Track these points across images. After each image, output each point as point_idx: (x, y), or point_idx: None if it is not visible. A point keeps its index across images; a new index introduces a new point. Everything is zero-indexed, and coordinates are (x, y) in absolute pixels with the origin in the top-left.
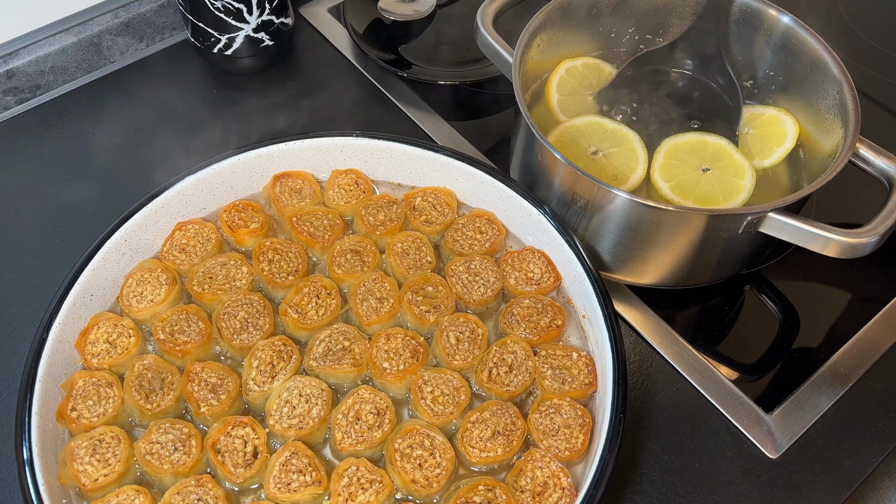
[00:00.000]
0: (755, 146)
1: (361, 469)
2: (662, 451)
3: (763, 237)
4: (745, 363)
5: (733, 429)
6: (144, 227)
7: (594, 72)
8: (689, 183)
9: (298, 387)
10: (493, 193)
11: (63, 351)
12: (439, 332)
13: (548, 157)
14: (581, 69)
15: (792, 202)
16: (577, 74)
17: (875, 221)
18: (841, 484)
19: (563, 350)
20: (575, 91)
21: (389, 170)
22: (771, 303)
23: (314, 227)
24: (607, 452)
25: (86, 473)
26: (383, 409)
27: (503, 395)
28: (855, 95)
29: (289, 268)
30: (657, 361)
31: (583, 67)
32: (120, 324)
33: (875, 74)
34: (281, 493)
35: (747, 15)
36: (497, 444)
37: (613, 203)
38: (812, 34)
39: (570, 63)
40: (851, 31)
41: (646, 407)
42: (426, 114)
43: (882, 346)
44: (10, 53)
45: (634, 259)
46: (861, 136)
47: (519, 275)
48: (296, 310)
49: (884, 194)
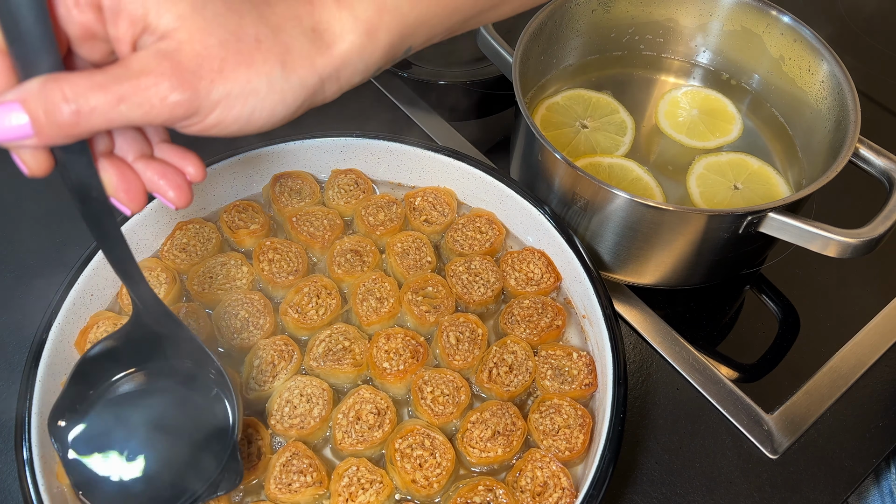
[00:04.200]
0: (695, 129)
1: (362, 469)
2: (662, 451)
3: (763, 237)
4: (745, 363)
5: (733, 429)
6: (144, 227)
7: (578, 101)
8: (719, 197)
9: (300, 386)
10: (493, 193)
11: (63, 351)
12: (439, 332)
13: (548, 157)
14: (563, 103)
15: (792, 202)
16: (560, 109)
17: (875, 221)
18: (841, 484)
19: (563, 350)
20: (562, 125)
21: (389, 170)
22: (771, 303)
23: (314, 227)
24: (607, 452)
25: None
26: (384, 408)
27: (503, 396)
28: (855, 95)
29: (289, 268)
30: (657, 361)
31: (564, 101)
32: (120, 323)
33: (875, 74)
34: (282, 493)
35: (747, 15)
36: (497, 444)
37: (613, 203)
38: (812, 34)
39: (549, 101)
40: (851, 31)
41: (646, 407)
42: (426, 114)
43: (882, 347)
44: None
45: (634, 259)
46: (861, 136)
47: (519, 275)
48: (296, 309)
49: (884, 194)
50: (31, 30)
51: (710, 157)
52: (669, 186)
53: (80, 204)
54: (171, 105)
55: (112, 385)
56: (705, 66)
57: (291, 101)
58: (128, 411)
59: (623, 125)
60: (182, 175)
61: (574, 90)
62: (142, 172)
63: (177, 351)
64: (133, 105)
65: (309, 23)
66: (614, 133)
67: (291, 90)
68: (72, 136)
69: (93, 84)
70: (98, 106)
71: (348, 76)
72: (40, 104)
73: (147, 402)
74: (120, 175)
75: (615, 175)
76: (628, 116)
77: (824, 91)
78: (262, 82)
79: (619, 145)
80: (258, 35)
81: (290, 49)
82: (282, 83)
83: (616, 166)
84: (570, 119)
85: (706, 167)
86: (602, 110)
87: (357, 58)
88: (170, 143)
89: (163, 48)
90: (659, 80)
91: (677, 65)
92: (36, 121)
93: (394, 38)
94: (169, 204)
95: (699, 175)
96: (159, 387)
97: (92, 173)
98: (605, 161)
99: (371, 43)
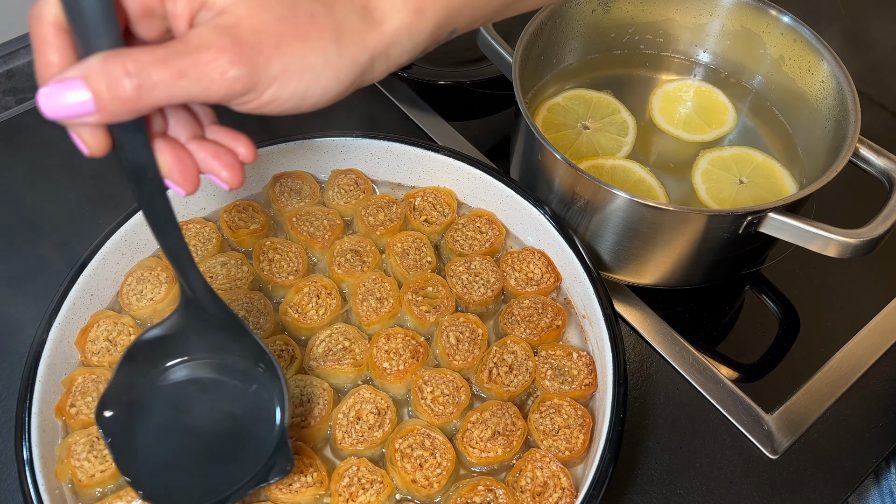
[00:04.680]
0: (691, 122)
1: (362, 469)
2: (662, 451)
3: (763, 237)
4: (745, 363)
5: (733, 429)
6: (144, 227)
7: (579, 102)
8: (725, 192)
9: (300, 386)
10: (493, 193)
11: (63, 350)
12: (439, 333)
13: (548, 157)
14: (564, 103)
15: (792, 202)
16: (561, 110)
17: (875, 221)
18: (841, 484)
19: (563, 350)
20: (563, 126)
21: (389, 170)
22: (771, 303)
23: (314, 227)
24: (607, 452)
25: (82, 469)
26: (384, 408)
27: (503, 396)
28: (855, 95)
29: (289, 267)
30: (657, 361)
31: (565, 101)
32: (120, 322)
33: (875, 74)
34: (282, 493)
35: (747, 15)
36: (497, 444)
37: (613, 203)
38: (812, 34)
39: (550, 102)
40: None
41: (646, 407)
42: (426, 114)
43: (882, 347)
44: (10, 53)
45: (634, 259)
46: (861, 136)
47: (519, 275)
48: (296, 309)
49: (884, 194)
50: (93, 7)
51: (714, 152)
52: (673, 184)
53: (135, 185)
54: (230, 80)
55: (159, 374)
56: (705, 66)
57: (344, 78)
58: (176, 400)
59: (625, 125)
60: (234, 155)
61: (575, 90)
62: (195, 153)
63: (226, 339)
64: (193, 80)
65: (360, 0)
66: (616, 134)
67: (345, 67)
68: (133, 111)
69: (154, 59)
70: (159, 81)
71: (397, 55)
72: (102, 79)
73: (195, 392)
74: (175, 155)
75: (618, 177)
76: (629, 116)
77: (824, 91)
78: (317, 58)
79: (622, 146)
80: (312, 11)
81: (342, 26)
82: (336, 60)
83: (619, 168)
84: (571, 120)
85: (710, 162)
86: (603, 110)
87: (406, 36)
88: (219, 124)
89: (221, 23)
90: (659, 79)
91: (677, 64)
92: (98, 97)
93: (440, 18)
94: (222, 184)
95: (704, 171)
96: (207, 375)
97: (148, 153)
98: (607, 163)
99: (419, 21)
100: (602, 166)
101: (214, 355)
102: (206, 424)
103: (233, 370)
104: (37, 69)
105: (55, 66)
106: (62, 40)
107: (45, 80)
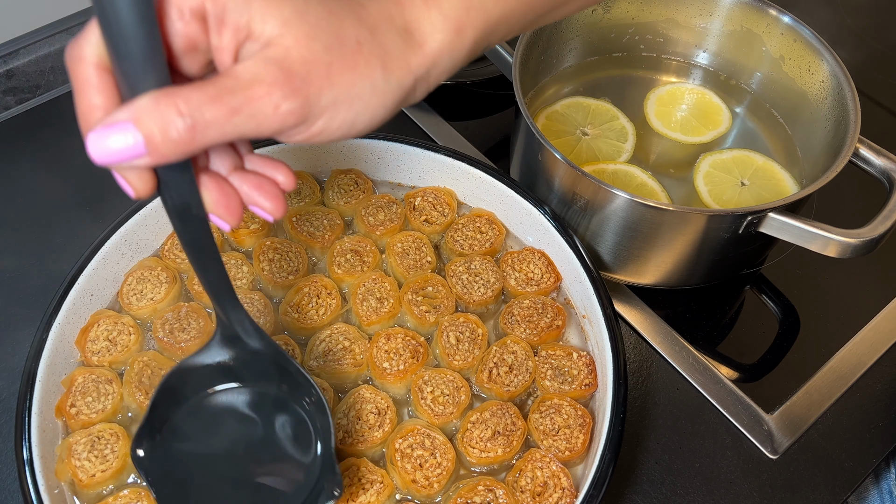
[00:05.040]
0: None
1: (362, 469)
2: (662, 451)
3: (763, 237)
4: (745, 363)
5: (733, 429)
6: (144, 227)
7: (577, 109)
8: (728, 194)
9: None
10: (493, 193)
11: (63, 350)
12: (439, 332)
13: (548, 157)
14: (562, 111)
15: (792, 202)
16: (559, 118)
17: (875, 221)
18: (841, 484)
19: (563, 350)
20: (563, 133)
21: (389, 170)
22: (771, 303)
23: (314, 227)
24: (607, 452)
25: (83, 469)
26: (384, 408)
27: (503, 396)
28: (855, 95)
29: (289, 267)
30: (657, 361)
31: (563, 109)
32: (120, 321)
33: (875, 74)
34: None
35: (747, 15)
36: (497, 444)
37: (613, 203)
38: (812, 34)
39: (549, 109)
40: (851, 31)
41: (646, 407)
42: (426, 114)
43: (882, 347)
44: (10, 53)
45: (634, 259)
46: (861, 136)
47: (519, 275)
48: (296, 309)
49: (884, 194)
50: (141, 46)
51: (714, 155)
52: (674, 186)
53: (179, 223)
54: (283, 114)
55: (196, 407)
56: (705, 67)
57: (390, 102)
58: (215, 432)
59: (623, 131)
60: (276, 185)
61: (572, 98)
62: (238, 186)
63: (265, 369)
64: (246, 116)
65: (401, 22)
66: (615, 139)
67: (391, 92)
68: (186, 152)
69: (206, 97)
70: (213, 120)
71: (437, 75)
72: (155, 121)
73: (235, 423)
74: (220, 191)
75: (619, 181)
76: (628, 122)
77: (824, 91)
78: (365, 86)
79: (622, 152)
80: (358, 37)
81: (387, 50)
82: (383, 86)
83: (620, 172)
84: (570, 127)
85: (712, 165)
86: (602, 117)
87: (447, 56)
88: (254, 153)
89: (270, 55)
90: (659, 80)
91: (677, 65)
92: (150, 139)
93: (479, 36)
94: (266, 216)
95: (706, 173)
96: (249, 405)
97: (194, 191)
98: (608, 168)
99: (459, 40)
100: (603, 171)
101: (258, 385)
102: (247, 455)
103: (276, 402)
104: (79, 112)
105: (100, 108)
106: (105, 81)
107: (90, 124)
